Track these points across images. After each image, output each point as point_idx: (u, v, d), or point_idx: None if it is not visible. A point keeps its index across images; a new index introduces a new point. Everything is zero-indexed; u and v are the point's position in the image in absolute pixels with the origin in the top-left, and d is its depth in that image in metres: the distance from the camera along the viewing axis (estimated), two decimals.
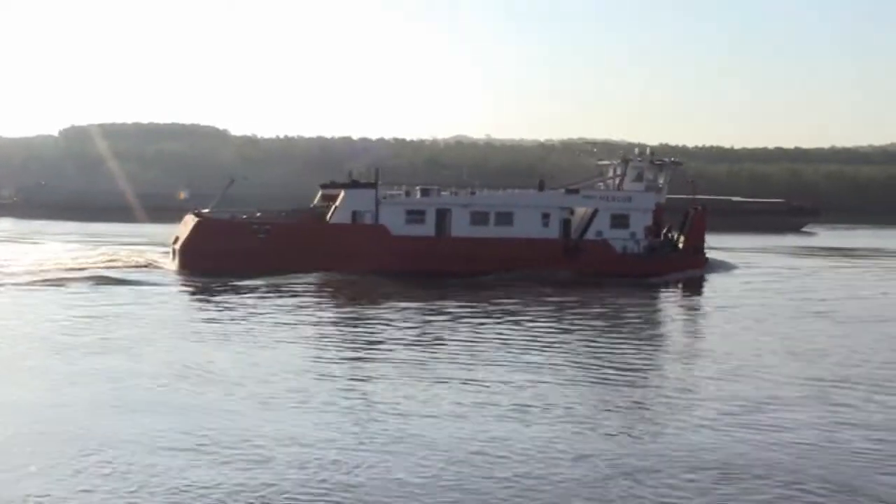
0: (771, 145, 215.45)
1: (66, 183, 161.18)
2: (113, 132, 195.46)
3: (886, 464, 19.28)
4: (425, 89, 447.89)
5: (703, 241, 60.91)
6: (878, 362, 30.63)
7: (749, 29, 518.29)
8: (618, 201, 59.51)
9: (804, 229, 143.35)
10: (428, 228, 57.52)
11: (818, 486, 17.62)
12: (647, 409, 24.07)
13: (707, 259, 60.99)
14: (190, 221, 57.22)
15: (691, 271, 59.12)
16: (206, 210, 59.92)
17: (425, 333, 35.79)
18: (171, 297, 45.76)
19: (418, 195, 58.98)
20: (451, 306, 43.06)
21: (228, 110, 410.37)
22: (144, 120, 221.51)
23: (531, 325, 38.29)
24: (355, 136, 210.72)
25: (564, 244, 58.40)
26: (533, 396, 24.73)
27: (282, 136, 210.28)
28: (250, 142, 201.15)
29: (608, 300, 47.60)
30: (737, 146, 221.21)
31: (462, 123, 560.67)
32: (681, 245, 60.71)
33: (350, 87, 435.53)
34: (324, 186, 61.58)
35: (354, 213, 57.04)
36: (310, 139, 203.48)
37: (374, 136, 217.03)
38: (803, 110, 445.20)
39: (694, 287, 56.16)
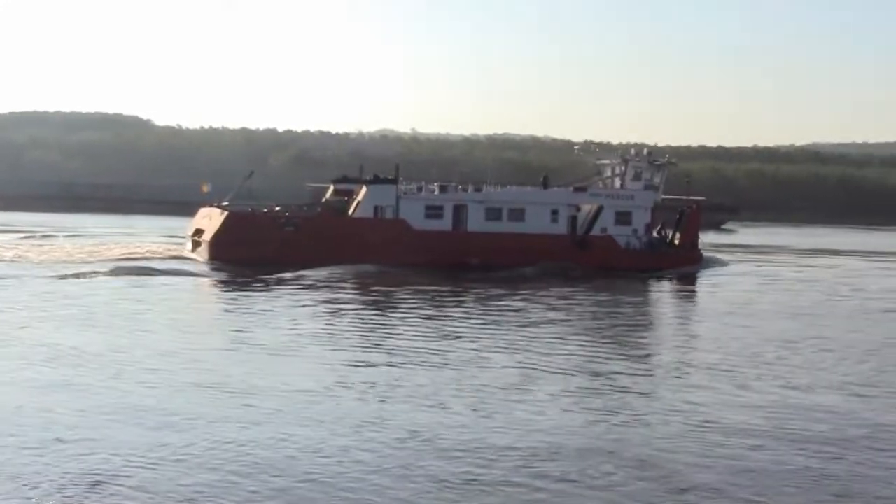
0: (694, 143, 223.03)
1: None
2: (35, 121, 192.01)
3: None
4: (351, 82, 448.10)
5: (697, 237, 64.54)
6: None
7: (672, 27, 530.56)
8: (621, 199, 62.63)
9: (723, 227, 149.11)
10: (445, 223, 59.87)
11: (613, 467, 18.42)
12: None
13: (702, 255, 64.66)
14: (215, 214, 58.50)
15: (688, 267, 62.55)
16: (226, 203, 61.20)
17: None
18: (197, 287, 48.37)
19: (437, 191, 61.37)
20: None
21: (152, 100, 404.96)
22: (67, 109, 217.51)
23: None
24: (280, 129, 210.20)
25: (574, 239, 61.36)
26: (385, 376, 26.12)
27: (206, 126, 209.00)
28: (174, 132, 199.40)
29: (623, 294, 50.30)
30: (661, 143, 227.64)
31: (388, 117, 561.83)
32: (677, 241, 64.28)
33: (275, 79, 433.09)
34: (336, 181, 63.60)
35: (376, 208, 59.09)
36: (234, 130, 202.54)
37: (299, 128, 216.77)
38: (727, 110, 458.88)
39: (692, 282, 59.55)
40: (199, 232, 60.11)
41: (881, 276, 65.93)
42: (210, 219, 58.85)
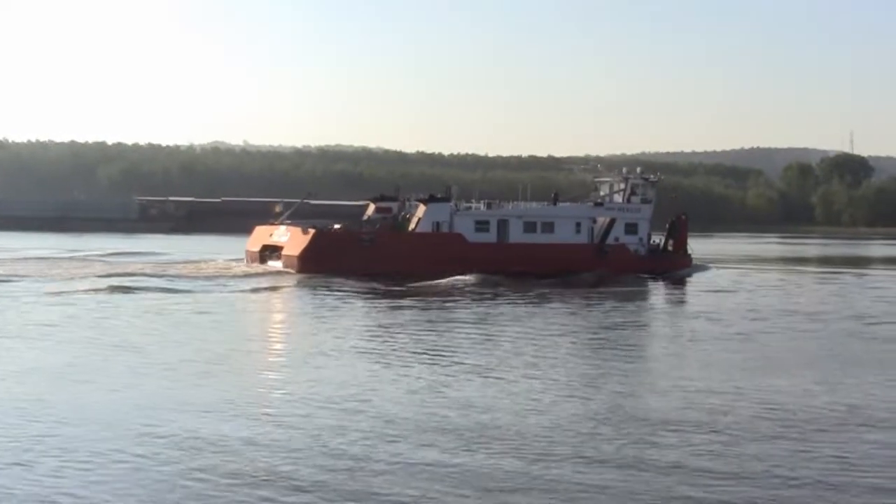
0: (525, 153, 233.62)
1: None
2: None
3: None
4: (182, 93, 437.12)
5: (687, 244, 74.19)
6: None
7: (506, 37, 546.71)
8: (630, 212, 71.38)
9: None
10: (492, 236, 66.62)
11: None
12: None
13: (692, 259, 74.39)
14: (295, 231, 62.81)
15: (683, 270, 72.16)
16: (289, 221, 65.71)
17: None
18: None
19: (483, 207, 68.18)
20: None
21: None
22: None
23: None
24: (109, 141, 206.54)
25: (594, 248, 69.48)
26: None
27: (33, 139, 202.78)
28: None
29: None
30: (491, 154, 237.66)
31: (220, 128, 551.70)
32: (671, 248, 73.69)
33: (104, 91, 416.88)
34: (374, 200, 69.46)
35: (434, 223, 65.13)
36: (62, 144, 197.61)
37: (128, 140, 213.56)
38: (559, 122, 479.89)
39: (688, 281, 68.93)
40: (268, 248, 64.18)
41: None
42: (289, 236, 63.08)
